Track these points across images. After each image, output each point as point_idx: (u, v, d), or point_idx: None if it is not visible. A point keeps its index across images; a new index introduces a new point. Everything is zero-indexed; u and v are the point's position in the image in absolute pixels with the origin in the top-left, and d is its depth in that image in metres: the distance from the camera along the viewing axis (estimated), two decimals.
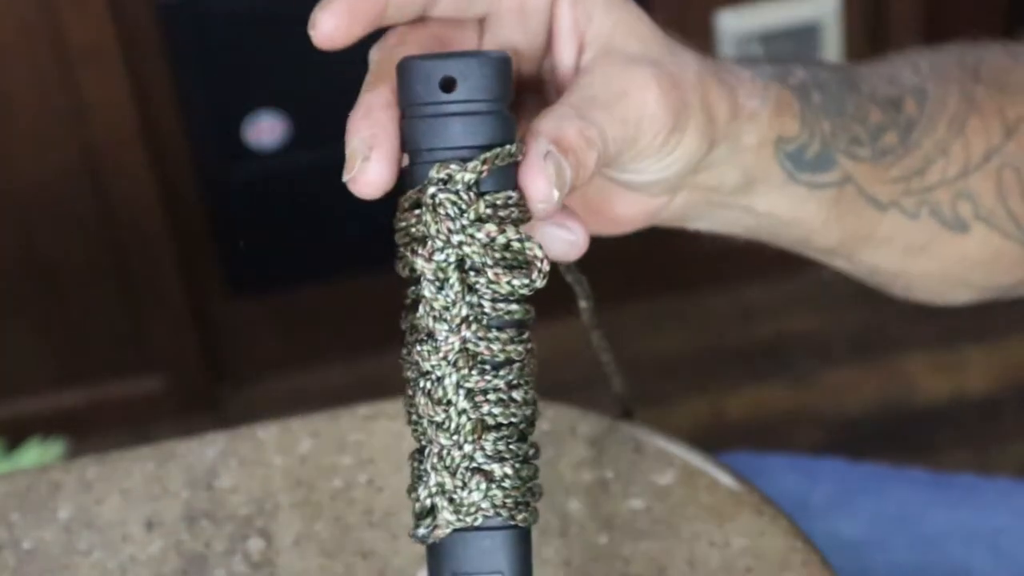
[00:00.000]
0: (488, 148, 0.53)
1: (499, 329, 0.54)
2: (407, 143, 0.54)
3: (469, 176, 0.53)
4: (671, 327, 1.78)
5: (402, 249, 0.55)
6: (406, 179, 0.54)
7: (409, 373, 0.55)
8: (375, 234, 1.82)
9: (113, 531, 0.80)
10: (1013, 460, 1.66)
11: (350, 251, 1.73)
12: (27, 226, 1.67)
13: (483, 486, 0.54)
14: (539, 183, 0.53)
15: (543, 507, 0.79)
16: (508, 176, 0.54)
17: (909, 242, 0.71)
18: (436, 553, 0.54)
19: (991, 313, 1.81)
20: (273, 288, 1.79)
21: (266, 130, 1.63)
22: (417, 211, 0.53)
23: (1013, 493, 1.06)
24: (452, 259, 0.53)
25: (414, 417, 0.55)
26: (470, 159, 0.53)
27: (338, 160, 0.55)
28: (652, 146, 0.59)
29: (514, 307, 0.54)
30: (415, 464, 0.55)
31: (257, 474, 0.82)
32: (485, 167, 0.53)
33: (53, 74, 1.58)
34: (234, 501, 0.81)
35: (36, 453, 1.66)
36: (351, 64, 0.60)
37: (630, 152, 0.59)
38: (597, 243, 0.59)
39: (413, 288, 0.54)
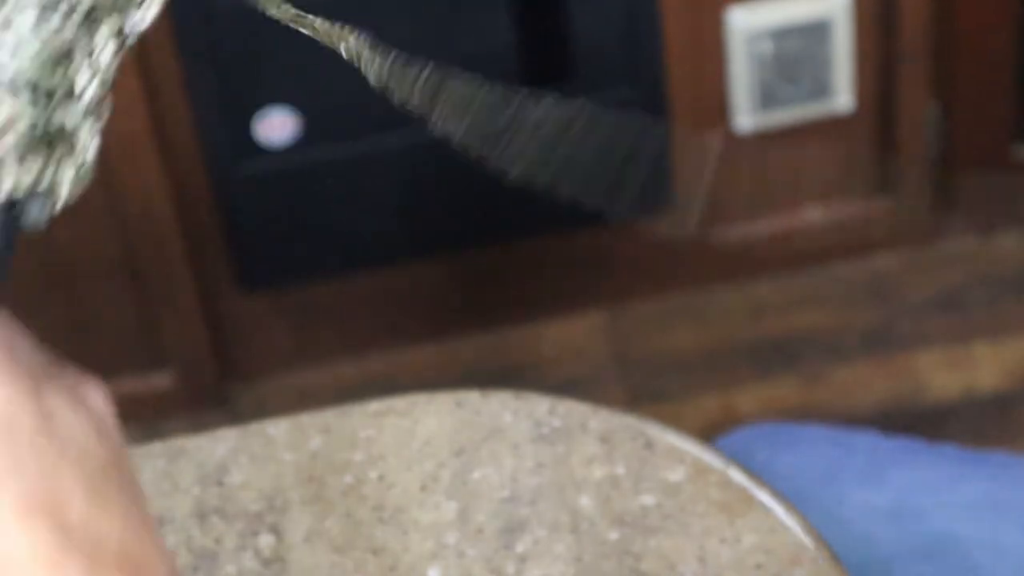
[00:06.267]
0: None
1: None
2: None
3: None
4: (681, 324, 1.78)
5: None
6: None
7: None
8: (386, 231, 1.82)
9: None
10: None
11: (361, 248, 1.73)
12: None
13: None
14: None
15: (553, 504, 0.78)
16: None
17: None
18: None
19: (1003, 310, 1.81)
20: (284, 284, 1.79)
21: (277, 126, 1.63)
22: None
23: None
24: None
25: None
26: None
27: (349, 156, 0.55)
28: None
29: None
30: None
31: (268, 470, 0.82)
32: None
33: None
34: (245, 497, 0.81)
35: None
36: None
37: None
38: (606, 240, 0.58)
39: None
